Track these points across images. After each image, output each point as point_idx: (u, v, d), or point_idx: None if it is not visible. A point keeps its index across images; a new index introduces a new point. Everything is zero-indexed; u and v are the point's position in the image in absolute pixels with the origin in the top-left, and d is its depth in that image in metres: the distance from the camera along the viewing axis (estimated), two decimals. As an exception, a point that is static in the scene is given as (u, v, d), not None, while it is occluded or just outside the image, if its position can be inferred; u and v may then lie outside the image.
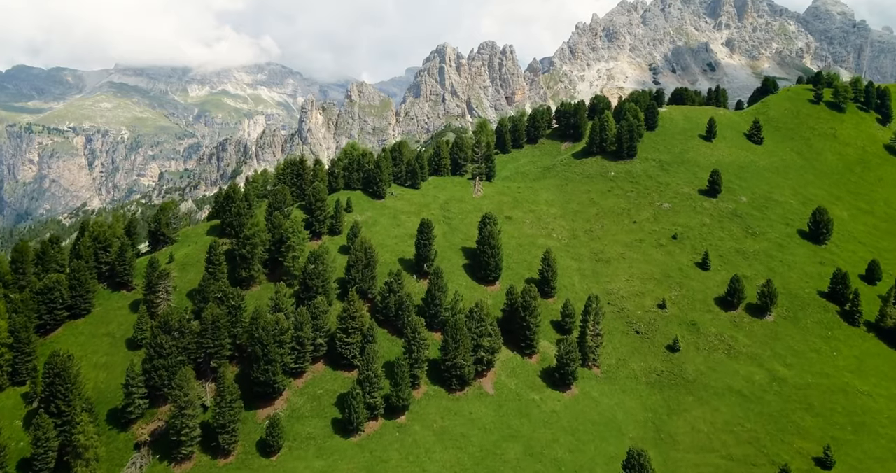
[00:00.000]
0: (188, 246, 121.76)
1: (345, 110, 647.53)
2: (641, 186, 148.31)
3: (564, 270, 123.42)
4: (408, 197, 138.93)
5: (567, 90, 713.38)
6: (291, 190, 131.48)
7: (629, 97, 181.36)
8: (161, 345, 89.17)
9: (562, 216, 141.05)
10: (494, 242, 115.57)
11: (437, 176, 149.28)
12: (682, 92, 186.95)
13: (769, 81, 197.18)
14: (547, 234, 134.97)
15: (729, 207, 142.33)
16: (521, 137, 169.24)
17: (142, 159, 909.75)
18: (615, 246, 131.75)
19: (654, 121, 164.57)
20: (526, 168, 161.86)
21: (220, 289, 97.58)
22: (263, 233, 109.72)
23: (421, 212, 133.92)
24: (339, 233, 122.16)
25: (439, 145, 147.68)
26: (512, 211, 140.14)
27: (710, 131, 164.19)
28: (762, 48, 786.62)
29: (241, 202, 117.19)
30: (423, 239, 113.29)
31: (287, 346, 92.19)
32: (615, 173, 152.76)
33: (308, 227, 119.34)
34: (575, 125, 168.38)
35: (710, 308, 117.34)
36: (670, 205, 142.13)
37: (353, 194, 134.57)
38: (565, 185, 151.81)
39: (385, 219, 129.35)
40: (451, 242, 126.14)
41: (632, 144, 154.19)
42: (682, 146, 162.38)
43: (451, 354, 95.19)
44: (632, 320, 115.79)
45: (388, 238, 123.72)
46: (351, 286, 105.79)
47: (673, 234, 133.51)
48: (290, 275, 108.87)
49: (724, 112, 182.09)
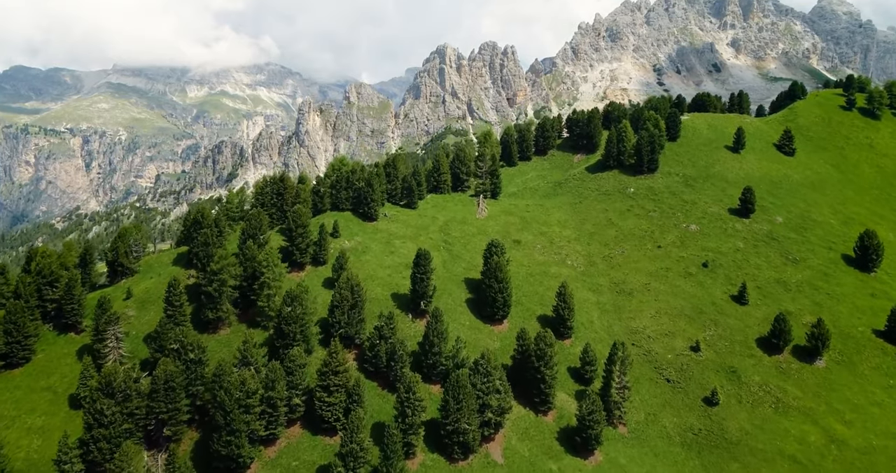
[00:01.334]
0: (150, 278, 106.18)
1: (343, 112, 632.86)
2: (665, 205, 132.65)
3: (581, 304, 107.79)
4: (403, 218, 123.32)
5: (569, 91, 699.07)
6: (272, 211, 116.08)
7: (647, 103, 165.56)
8: (101, 412, 73.56)
9: (576, 239, 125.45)
10: (502, 275, 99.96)
11: (436, 193, 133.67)
12: (703, 98, 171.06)
13: (797, 86, 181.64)
14: (560, 261, 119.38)
15: (764, 229, 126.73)
16: (529, 148, 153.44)
17: (139, 160, 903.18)
18: (638, 276, 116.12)
19: (677, 131, 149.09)
20: (535, 183, 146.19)
21: (178, 339, 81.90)
22: (234, 266, 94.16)
23: (418, 235, 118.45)
24: (323, 262, 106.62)
25: (438, 159, 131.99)
26: (520, 233, 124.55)
27: (738, 142, 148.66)
28: (768, 48, 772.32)
29: (209, 229, 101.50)
30: (420, 273, 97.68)
31: (255, 410, 76.63)
32: (635, 189, 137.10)
33: (288, 257, 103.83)
34: (588, 135, 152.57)
35: (751, 351, 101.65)
36: (698, 227, 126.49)
37: (340, 216, 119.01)
38: (579, 203, 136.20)
39: (377, 246, 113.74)
40: (451, 272, 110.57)
41: (653, 157, 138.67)
42: (707, 158, 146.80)
43: (453, 417, 79.53)
44: (661, 365, 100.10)
45: (380, 268, 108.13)
46: (335, 331, 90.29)
47: (703, 262, 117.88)
48: (264, 316, 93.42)
49: (750, 120, 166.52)
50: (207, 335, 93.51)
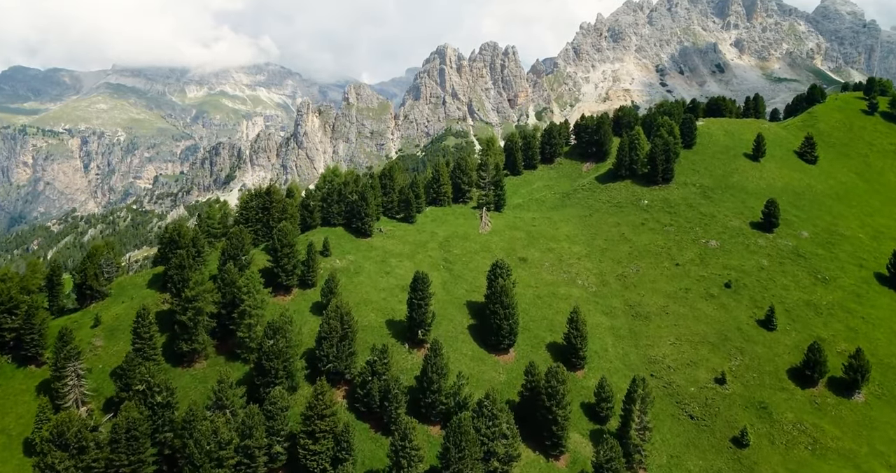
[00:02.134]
0: (122, 302, 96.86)
1: (342, 113, 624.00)
2: (682, 218, 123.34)
3: (594, 329, 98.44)
4: (400, 233, 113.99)
5: (571, 92, 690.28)
6: (257, 227, 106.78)
7: (658, 108, 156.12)
8: (53, 467, 64.33)
9: (587, 256, 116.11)
10: (508, 301, 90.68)
11: (435, 206, 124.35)
12: (718, 102, 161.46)
13: (816, 89, 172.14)
14: (570, 281, 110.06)
15: (789, 245, 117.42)
16: (535, 156, 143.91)
17: (138, 161, 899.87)
18: (655, 297, 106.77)
19: (692, 138, 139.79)
20: (541, 193, 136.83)
21: (144, 379, 72.61)
22: (211, 293, 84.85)
23: (416, 253, 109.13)
24: (312, 285, 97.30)
25: (438, 168, 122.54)
26: (527, 250, 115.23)
27: (758, 149, 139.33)
28: (772, 48, 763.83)
29: (186, 249, 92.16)
30: (418, 299, 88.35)
31: (229, 463, 67.41)
32: (649, 201, 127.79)
33: (272, 281, 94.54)
34: (598, 142, 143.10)
35: (782, 383, 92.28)
36: (718, 243, 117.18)
37: (332, 232, 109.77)
38: (589, 216, 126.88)
39: (371, 265, 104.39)
40: (452, 295, 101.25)
41: (668, 166, 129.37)
42: (725, 167, 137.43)
43: (454, 466, 70.14)
44: (684, 400, 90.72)
45: (374, 291, 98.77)
46: (322, 365, 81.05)
47: (726, 281, 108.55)
48: (245, 348, 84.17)
49: (768, 125, 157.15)
50: (181, 369, 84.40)
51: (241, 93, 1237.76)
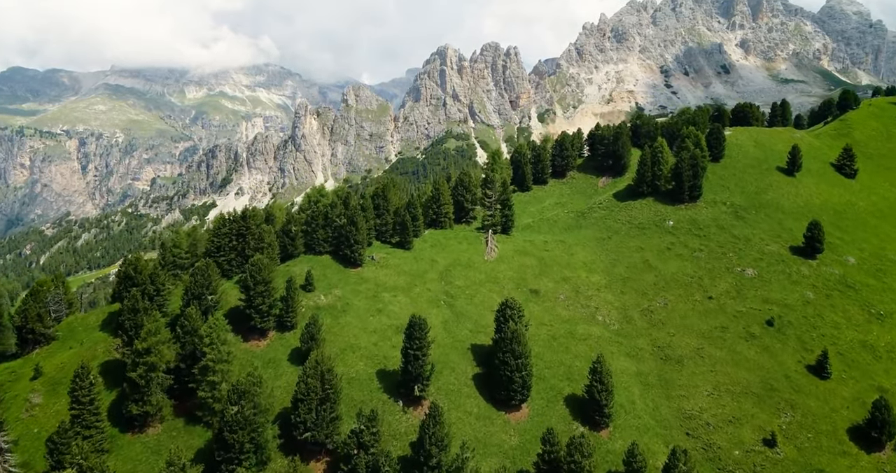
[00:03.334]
0: (70, 348, 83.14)
1: (341, 115, 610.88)
2: (713, 242, 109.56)
3: (619, 376, 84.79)
4: (395, 262, 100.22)
5: (574, 94, 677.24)
6: (231, 256, 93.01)
7: (680, 116, 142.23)
8: None
9: (607, 287, 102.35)
10: (521, 349, 77.02)
11: (435, 228, 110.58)
12: (745, 109, 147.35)
13: (849, 94, 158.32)
14: (589, 317, 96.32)
15: (835, 274, 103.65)
16: (546, 170, 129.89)
17: (136, 163, 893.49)
18: (687, 337, 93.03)
19: (720, 150, 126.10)
20: (553, 212, 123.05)
21: (76, 462, 58.91)
22: (168, 344, 71.18)
23: (412, 286, 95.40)
24: (291, 326, 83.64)
25: (438, 186, 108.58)
26: (539, 280, 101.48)
27: (793, 162, 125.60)
28: (778, 49, 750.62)
29: (142, 286, 78.34)
30: (415, 348, 74.66)
31: None
32: (675, 222, 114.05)
33: (245, 323, 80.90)
34: (615, 154, 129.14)
35: (843, 446, 78.52)
36: (756, 272, 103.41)
37: (316, 261, 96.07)
38: (608, 239, 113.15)
39: (361, 301, 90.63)
40: (455, 337, 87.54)
41: (695, 182, 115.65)
42: (757, 183, 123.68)
43: None
44: (727, 466, 76.95)
45: (364, 333, 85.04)
46: (299, 433, 67.37)
47: (767, 318, 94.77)
48: (207, 410, 70.51)
49: (800, 135, 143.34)
50: (131, 435, 70.69)
51: (241, 94, 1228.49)
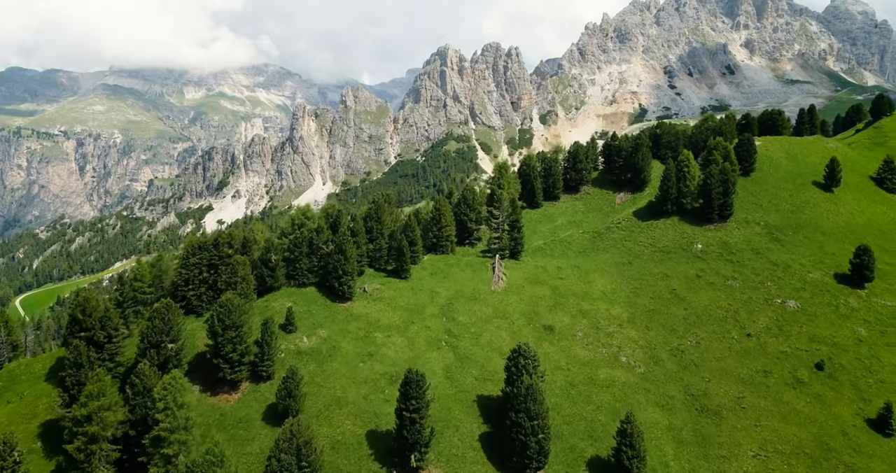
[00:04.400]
0: (8, 402, 70.96)
1: (339, 117, 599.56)
2: (747, 269, 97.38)
3: (648, 430, 72.80)
4: (390, 294, 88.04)
5: (577, 95, 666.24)
6: (201, 290, 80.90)
7: (703, 124, 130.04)
8: None
9: (630, 321, 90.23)
10: (537, 408, 65.00)
11: (435, 253, 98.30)
12: (773, 116, 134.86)
13: (884, 99, 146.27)
14: (612, 358, 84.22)
15: (888, 306, 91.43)
16: (558, 185, 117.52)
17: (135, 164, 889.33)
18: (725, 383, 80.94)
19: (751, 163, 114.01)
20: (566, 232, 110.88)
21: None
22: (113, 411, 59.03)
23: (409, 324, 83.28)
24: (267, 377, 71.61)
25: (439, 206, 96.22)
26: (553, 314, 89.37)
27: (832, 177, 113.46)
28: (783, 49, 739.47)
29: (90, 333, 66.10)
30: (412, 409, 62.58)
31: None
32: (703, 246, 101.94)
33: (212, 373, 68.87)
34: (634, 167, 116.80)
35: (917, 523, 66.68)
36: (798, 304, 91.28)
37: (299, 295, 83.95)
38: (628, 265, 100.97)
39: (350, 344, 78.52)
40: (458, 386, 75.45)
41: (726, 200, 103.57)
42: (793, 200, 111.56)
43: None
44: (781, 547, 65.07)
45: (352, 384, 72.90)
46: (270, 522, 55.34)
47: (816, 361, 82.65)
48: (162, 487, 58.46)
49: (834, 145, 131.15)
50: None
51: (241, 95, 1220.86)
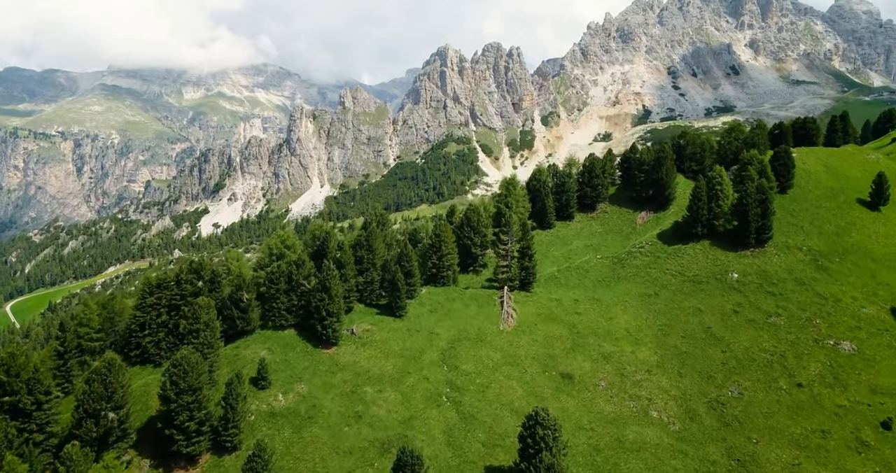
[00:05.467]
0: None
1: (338, 118, 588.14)
2: (791, 303, 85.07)
3: (687, 507, 60.67)
4: (382, 337, 75.71)
5: (579, 96, 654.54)
6: (161, 337, 68.59)
7: (730, 134, 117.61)
8: None
9: (660, 367, 77.94)
10: (560, 494, 52.83)
11: (435, 285, 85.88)
12: (806, 124, 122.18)
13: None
14: (641, 412, 71.96)
15: (957, 348, 79.31)
16: (571, 203, 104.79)
17: (133, 164, 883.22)
18: (777, 446, 68.67)
19: (788, 179, 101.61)
20: (582, 258, 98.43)
21: None
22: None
23: (405, 374, 70.92)
24: (233, 447, 59.32)
25: (440, 232, 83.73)
26: (571, 359, 77.06)
27: (879, 194, 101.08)
28: (788, 49, 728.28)
29: (16, 399, 53.76)
30: (404, 500, 50.49)
31: None
32: (740, 275, 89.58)
33: (163, 446, 56.61)
34: (657, 183, 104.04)
35: None
36: (853, 347, 79.04)
37: (276, 339, 71.63)
38: (655, 296, 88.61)
39: (334, 402, 66.15)
40: (462, 455, 63.11)
41: (764, 222, 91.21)
42: (836, 221, 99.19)
43: None
44: None
45: (335, 456, 60.57)
46: None
47: (882, 420, 70.40)
48: None
49: (875, 157, 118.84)
50: None
51: (240, 95, 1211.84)
